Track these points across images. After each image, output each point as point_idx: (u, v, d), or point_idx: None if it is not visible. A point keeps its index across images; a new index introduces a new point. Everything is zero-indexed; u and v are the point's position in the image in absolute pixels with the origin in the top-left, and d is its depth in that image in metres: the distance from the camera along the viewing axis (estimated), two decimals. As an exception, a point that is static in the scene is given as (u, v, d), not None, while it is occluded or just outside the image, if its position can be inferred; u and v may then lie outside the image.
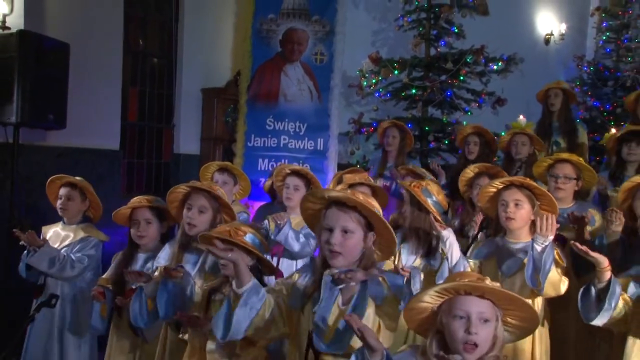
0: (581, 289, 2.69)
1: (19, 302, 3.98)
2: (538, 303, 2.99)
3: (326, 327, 2.17)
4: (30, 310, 3.55)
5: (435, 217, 3.18)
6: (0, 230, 4.79)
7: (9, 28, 4.78)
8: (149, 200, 3.29)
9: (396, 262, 3.24)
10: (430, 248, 3.29)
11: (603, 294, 2.56)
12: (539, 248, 2.76)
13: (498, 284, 1.96)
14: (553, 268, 2.73)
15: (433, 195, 3.26)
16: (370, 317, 2.20)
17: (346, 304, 2.19)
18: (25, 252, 3.61)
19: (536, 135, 4.82)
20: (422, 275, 2.95)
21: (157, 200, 3.35)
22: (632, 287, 2.67)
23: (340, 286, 2.18)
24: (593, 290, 2.60)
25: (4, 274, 4.76)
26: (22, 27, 4.84)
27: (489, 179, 3.69)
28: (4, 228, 4.74)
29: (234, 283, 2.22)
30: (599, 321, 2.58)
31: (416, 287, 2.78)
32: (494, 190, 3.12)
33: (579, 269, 3.13)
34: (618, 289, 2.56)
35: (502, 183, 3.11)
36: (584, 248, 2.58)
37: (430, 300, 1.96)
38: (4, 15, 4.78)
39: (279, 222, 3.59)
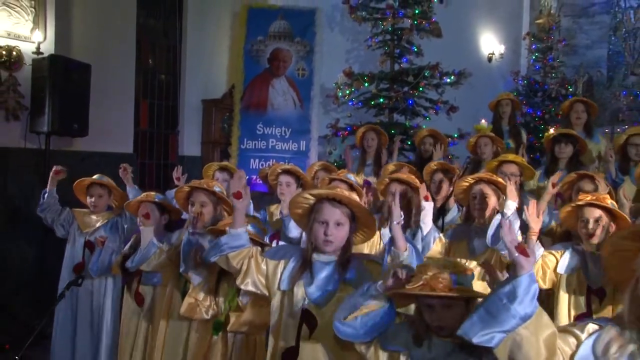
0: None
1: (52, 283, 4.12)
2: None
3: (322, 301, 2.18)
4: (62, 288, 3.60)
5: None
6: (36, 222, 4.94)
7: (42, 53, 4.90)
8: (151, 196, 3.33)
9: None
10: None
11: None
12: (508, 212, 2.74)
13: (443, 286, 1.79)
14: (518, 232, 2.63)
15: None
16: (336, 299, 2.15)
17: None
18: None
19: None
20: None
21: (159, 196, 3.37)
22: (564, 259, 2.69)
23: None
24: None
25: (40, 259, 4.97)
26: (52, 52, 4.98)
27: (442, 174, 3.82)
28: (39, 220, 4.98)
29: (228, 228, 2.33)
30: None
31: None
32: (467, 184, 3.13)
33: None
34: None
35: (473, 179, 3.11)
36: (532, 206, 2.59)
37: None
38: (39, 43, 4.89)
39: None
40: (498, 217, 2.78)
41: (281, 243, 3.39)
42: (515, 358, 1.56)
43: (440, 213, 3.70)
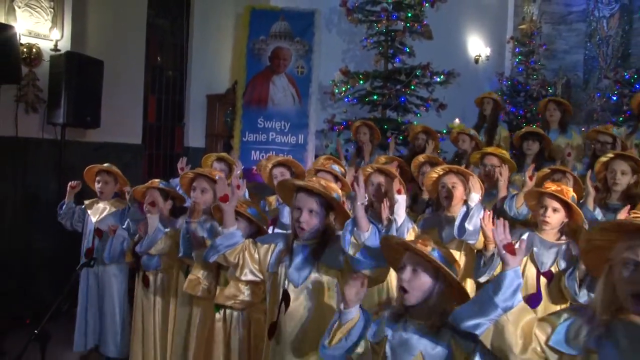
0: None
1: (67, 265, 4.24)
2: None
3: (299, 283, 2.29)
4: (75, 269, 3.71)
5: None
6: (52, 208, 4.95)
7: (59, 50, 4.97)
8: (155, 183, 3.42)
9: None
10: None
11: (488, 262, 2.65)
12: (472, 204, 2.75)
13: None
14: (479, 221, 2.62)
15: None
16: (311, 279, 2.27)
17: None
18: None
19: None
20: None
21: (163, 183, 3.46)
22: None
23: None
24: (482, 258, 2.71)
25: (57, 243, 5.04)
26: (69, 49, 5.06)
27: (431, 166, 3.64)
28: (55, 206, 4.99)
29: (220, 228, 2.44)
30: (483, 280, 2.67)
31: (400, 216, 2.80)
32: (436, 175, 3.12)
33: None
34: (498, 260, 2.54)
35: (442, 170, 3.10)
36: (487, 217, 2.52)
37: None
38: (56, 41, 4.96)
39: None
40: (464, 209, 2.81)
41: (277, 230, 3.42)
42: (496, 344, 1.64)
43: (427, 205, 3.70)
